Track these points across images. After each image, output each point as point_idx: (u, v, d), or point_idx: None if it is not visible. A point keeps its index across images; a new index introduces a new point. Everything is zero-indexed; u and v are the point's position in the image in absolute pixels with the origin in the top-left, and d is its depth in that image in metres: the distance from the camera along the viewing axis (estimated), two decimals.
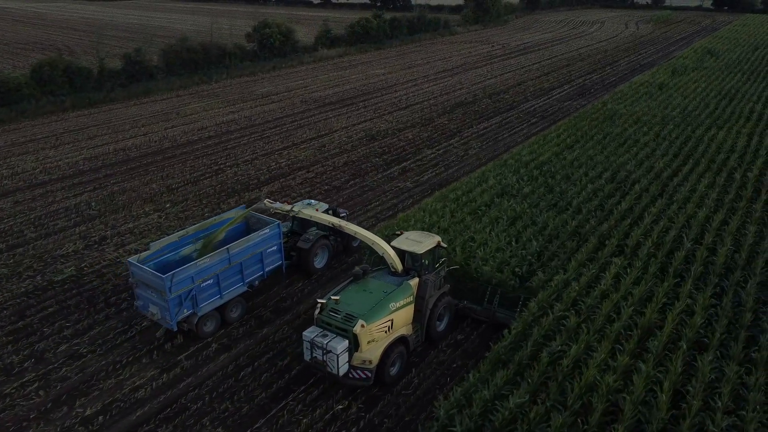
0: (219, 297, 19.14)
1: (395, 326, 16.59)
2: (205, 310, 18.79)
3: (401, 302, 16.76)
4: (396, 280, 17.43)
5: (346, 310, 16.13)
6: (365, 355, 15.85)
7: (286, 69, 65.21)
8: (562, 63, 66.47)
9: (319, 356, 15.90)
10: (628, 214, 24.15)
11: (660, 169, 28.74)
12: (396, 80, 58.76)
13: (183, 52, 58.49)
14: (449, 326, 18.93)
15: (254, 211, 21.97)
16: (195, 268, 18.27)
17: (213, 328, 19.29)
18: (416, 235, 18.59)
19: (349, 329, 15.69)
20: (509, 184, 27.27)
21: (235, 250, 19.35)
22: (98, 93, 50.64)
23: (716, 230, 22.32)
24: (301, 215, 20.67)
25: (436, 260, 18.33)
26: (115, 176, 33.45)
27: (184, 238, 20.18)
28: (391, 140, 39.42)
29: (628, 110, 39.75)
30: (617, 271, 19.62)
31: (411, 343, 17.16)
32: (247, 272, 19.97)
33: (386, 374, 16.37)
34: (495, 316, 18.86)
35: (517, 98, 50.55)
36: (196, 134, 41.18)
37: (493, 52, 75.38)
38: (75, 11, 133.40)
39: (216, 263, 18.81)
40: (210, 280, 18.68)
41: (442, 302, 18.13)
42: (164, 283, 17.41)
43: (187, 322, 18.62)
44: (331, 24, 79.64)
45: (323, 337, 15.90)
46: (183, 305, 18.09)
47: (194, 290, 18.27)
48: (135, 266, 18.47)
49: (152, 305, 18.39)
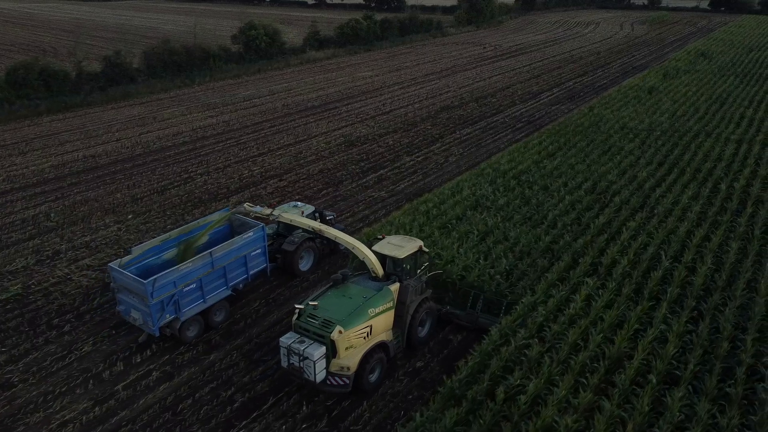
0: (202, 301, 18.82)
1: (374, 332, 16.24)
2: (188, 314, 18.47)
3: (381, 308, 16.40)
4: (376, 285, 17.09)
5: (324, 316, 15.79)
6: (343, 361, 15.52)
7: (272, 71, 64.00)
8: (554, 65, 65.26)
9: (296, 363, 15.54)
10: (605, 228, 22.92)
11: (642, 179, 27.53)
12: (382, 83, 57.55)
13: (165, 54, 57.29)
14: (432, 332, 18.48)
15: (235, 214, 21.38)
16: (177, 273, 17.95)
17: (196, 333, 18.93)
18: (398, 240, 18.19)
19: (326, 335, 15.37)
20: (484, 195, 26.06)
21: (218, 253, 19.03)
22: (75, 97, 49.39)
23: (697, 247, 21.10)
24: (280, 219, 20.01)
25: (417, 265, 17.92)
26: (80, 185, 32.23)
27: (166, 241, 19.80)
28: (370, 146, 38.20)
29: (614, 116, 38.52)
30: (589, 292, 18.39)
31: (391, 349, 16.82)
32: (231, 276, 19.65)
33: (365, 381, 16.04)
34: (478, 321, 18.47)
35: (504, 102, 49.33)
36: (171, 140, 39.95)
37: (485, 54, 74.18)
38: (67, 12, 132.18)
39: (199, 267, 18.50)
40: (193, 284, 18.40)
41: (424, 307, 17.75)
42: (146, 289, 17.13)
43: (170, 327, 18.30)
44: (321, 25, 78.55)
45: (300, 344, 15.54)
46: (165, 310, 17.82)
47: (176, 295, 17.98)
48: (116, 271, 18.13)
49: (134, 310, 18.14)
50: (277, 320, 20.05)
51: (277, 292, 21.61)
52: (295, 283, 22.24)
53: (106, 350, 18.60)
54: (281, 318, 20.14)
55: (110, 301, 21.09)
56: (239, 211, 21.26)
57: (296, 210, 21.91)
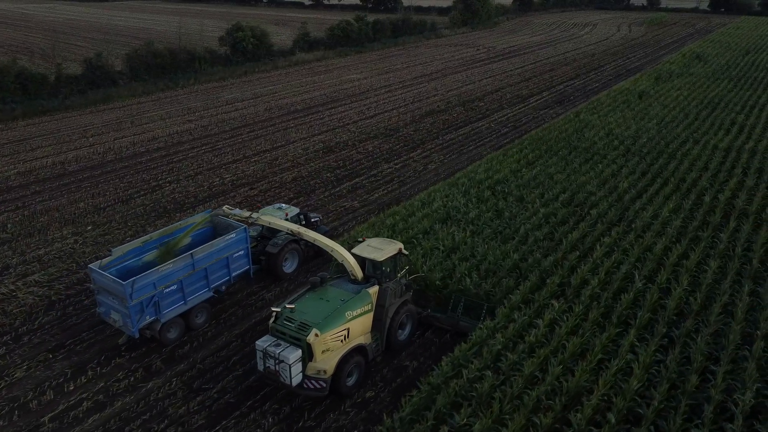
0: (183, 303, 18.63)
1: (352, 335, 16.10)
2: (169, 316, 18.27)
3: (358, 310, 16.26)
4: (355, 288, 16.95)
5: (300, 319, 15.65)
6: (320, 365, 15.38)
7: (259, 74, 62.89)
8: (546, 68, 64.02)
9: (272, 366, 15.38)
10: (578, 244, 21.69)
11: (623, 190, 26.29)
12: (370, 86, 56.39)
13: (148, 56, 56.19)
14: (412, 335, 18.32)
15: (218, 216, 21.12)
16: (157, 274, 17.76)
17: (177, 335, 18.76)
18: (378, 242, 18.10)
19: (302, 338, 15.23)
20: (456, 206, 24.85)
21: (199, 255, 18.81)
22: (53, 100, 48.32)
23: (673, 266, 19.87)
24: (259, 221, 19.87)
25: (397, 268, 17.80)
26: (44, 193, 31.15)
27: (147, 243, 19.52)
28: (349, 152, 37.05)
29: (601, 121, 37.28)
30: (554, 316, 17.19)
31: (370, 352, 16.64)
32: (213, 277, 19.38)
33: (342, 385, 15.87)
34: (458, 324, 18.27)
35: (492, 106, 48.12)
36: (145, 145, 38.86)
37: (477, 56, 72.96)
38: (62, 13, 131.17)
39: (179, 269, 18.29)
40: (173, 286, 18.18)
41: (404, 310, 17.60)
42: (125, 290, 16.93)
43: (150, 329, 18.05)
44: (314, 26, 77.41)
45: (276, 347, 15.42)
46: (145, 312, 17.60)
47: (157, 296, 17.77)
48: (96, 272, 17.91)
49: (114, 312, 17.92)
50: (225, 343, 18.91)
51: (230, 312, 20.46)
52: (251, 301, 21.10)
53: (39, 377, 17.47)
54: (230, 341, 19.00)
55: (52, 321, 20.03)
56: (219, 213, 21.04)
57: (281, 212, 21.78)
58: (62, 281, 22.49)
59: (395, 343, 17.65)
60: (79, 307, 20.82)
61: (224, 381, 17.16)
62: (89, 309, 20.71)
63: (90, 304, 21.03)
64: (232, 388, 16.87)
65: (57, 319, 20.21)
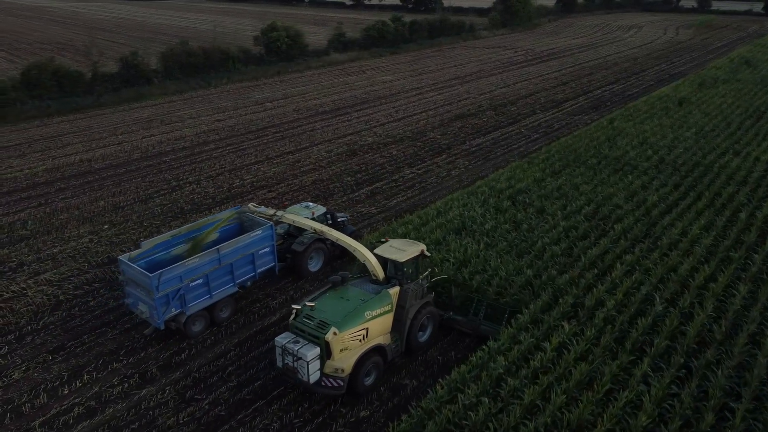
0: (208, 297, 18.97)
1: (371, 335, 16.09)
2: (194, 309, 18.63)
3: (378, 311, 16.24)
4: (375, 289, 16.97)
5: (319, 317, 15.74)
6: (337, 363, 15.42)
7: (291, 74, 62.85)
8: (585, 71, 62.10)
9: (291, 363, 15.51)
10: (598, 262, 20.49)
11: (652, 204, 24.86)
12: (401, 88, 55.65)
13: (182, 55, 56.77)
14: (433, 337, 18.19)
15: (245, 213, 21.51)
16: (183, 268, 18.12)
17: (201, 328, 19.10)
18: (400, 243, 18.03)
19: (320, 336, 15.28)
20: (473, 216, 23.92)
21: (226, 250, 19.13)
22: (88, 98, 49.19)
23: (698, 288, 18.53)
24: (283, 219, 20.26)
25: (419, 269, 17.79)
26: (67, 190, 31.50)
27: (175, 237, 19.99)
28: (372, 156, 36.41)
29: (635, 129, 35.63)
30: (563, 339, 16.16)
31: (389, 353, 16.62)
32: (238, 273, 19.73)
33: (360, 384, 15.88)
34: (479, 328, 18.08)
35: (524, 111, 46.79)
36: (171, 144, 39.06)
37: (515, 58, 71.39)
38: (111, 11, 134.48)
39: (206, 263, 18.65)
40: (199, 279, 18.55)
41: (424, 312, 17.53)
42: (151, 282, 17.31)
43: (176, 321, 18.42)
44: (351, 26, 77.05)
45: (295, 344, 15.54)
46: (171, 304, 17.98)
47: (182, 290, 18.12)
48: (125, 264, 18.40)
49: (141, 303, 18.35)
50: (223, 352, 18.51)
51: (231, 319, 20.04)
52: (254, 309, 20.66)
53: (35, 379, 17.39)
54: (228, 350, 18.59)
55: (56, 321, 20.01)
56: (245, 210, 21.44)
57: (307, 211, 21.97)
58: (72, 281, 22.52)
59: (415, 344, 17.58)
60: (84, 309, 20.77)
61: (217, 392, 16.75)
62: (94, 311, 20.67)
63: (95, 305, 21.02)
64: (224, 400, 16.43)
65: (61, 319, 20.18)
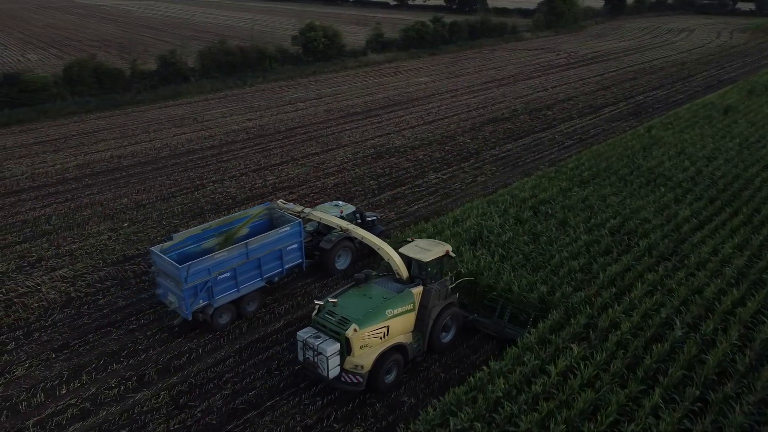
0: (235, 290, 19.34)
1: (392, 333, 16.25)
2: (221, 302, 19.03)
3: (399, 309, 16.39)
4: (398, 287, 17.14)
5: (341, 313, 16.00)
6: (357, 360, 15.63)
7: (327, 74, 62.77)
8: (628, 76, 59.95)
9: (311, 357, 15.74)
10: (617, 280, 19.37)
11: (683, 219, 23.48)
12: (436, 90, 54.82)
13: (220, 54, 57.34)
14: (456, 338, 18.18)
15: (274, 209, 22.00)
16: (212, 261, 18.52)
17: (228, 320, 19.46)
18: (426, 243, 18.12)
19: (341, 332, 15.53)
20: (490, 227, 23.05)
21: (254, 245, 19.50)
22: (126, 95, 50.15)
23: (724, 314, 17.25)
24: (311, 217, 20.49)
25: (443, 270, 17.87)
26: (94, 186, 32.00)
27: (206, 231, 20.53)
28: (398, 159, 35.80)
29: (674, 138, 33.94)
30: (570, 363, 15.24)
31: (410, 352, 16.73)
32: (266, 268, 20.05)
33: (380, 381, 16.04)
34: (504, 331, 17.90)
35: (560, 116, 45.36)
36: (200, 143, 39.34)
37: (556, 61, 69.58)
38: (160, 10, 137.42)
39: (234, 257, 19.02)
40: (227, 273, 18.92)
41: (448, 313, 17.54)
42: (180, 273, 17.74)
43: (203, 313, 18.85)
44: (391, 27, 76.49)
45: (316, 339, 15.77)
46: (198, 296, 18.38)
47: (210, 282, 18.52)
48: (156, 255, 18.97)
49: (171, 294, 18.87)
50: (223, 357, 18.24)
51: (236, 324, 19.77)
52: (259, 314, 20.34)
53: (36, 377, 17.47)
54: (228, 356, 18.31)
55: (64, 319, 20.14)
56: (274, 206, 21.88)
57: (336, 209, 22.17)
58: (85, 278, 22.70)
59: (437, 344, 17.57)
60: (93, 307, 20.87)
61: (211, 400, 16.47)
62: (102, 309, 20.75)
63: (104, 304, 21.11)
64: (218, 409, 16.13)
65: (69, 317, 20.31)
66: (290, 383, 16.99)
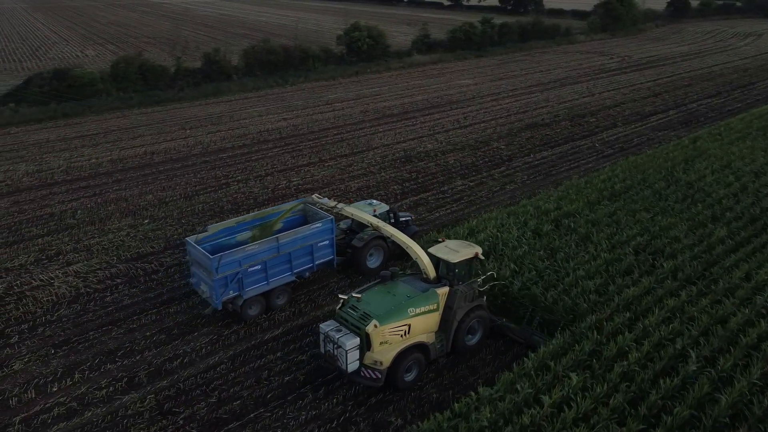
0: (265, 283, 19.65)
1: (413, 332, 16.27)
2: (250, 294, 19.35)
3: (422, 308, 16.39)
4: (424, 287, 17.12)
5: (364, 309, 16.17)
6: (376, 356, 15.74)
7: (369, 75, 62.36)
8: (683, 82, 57.05)
9: (331, 350, 15.98)
10: (633, 304, 18.00)
11: (717, 239, 21.75)
12: (477, 93, 53.59)
13: (263, 53, 57.78)
14: (482, 341, 18.00)
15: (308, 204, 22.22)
16: (243, 253, 18.88)
17: (257, 312, 19.76)
18: (455, 245, 18.14)
19: (362, 327, 15.68)
20: (506, 239, 21.97)
21: (284, 240, 19.77)
22: (168, 92, 51.11)
23: (747, 348, 15.71)
24: (343, 212, 20.56)
25: (472, 271, 17.82)
26: (123, 182, 32.54)
27: (240, 223, 21.00)
28: (426, 164, 34.94)
29: (721, 151, 31.76)
30: (566, 393, 14.13)
31: (432, 352, 16.74)
32: (296, 263, 20.32)
33: (399, 379, 16.10)
34: (531, 338, 17.61)
35: (604, 123, 43.45)
36: (232, 141, 39.56)
37: (608, 65, 66.99)
38: (219, 8, 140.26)
39: (264, 250, 19.34)
40: (257, 266, 19.26)
41: (474, 315, 17.41)
42: (212, 264, 18.17)
43: (233, 304, 19.28)
44: (440, 27, 75.44)
45: (337, 332, 16.01)
46: (228, 287, 18.75)
47: (240, 274, 18.86)
48: (190, 245, 19.51)
49: (203, 284, 19.38)
50: (216, 363, 17.94)
51: (233, 329, 19.46)
52: (260, 320, 19.96)
53: (32, 372, 17.61)
54: (221, 361, 18.00)
55: (70, 314, 20.32)
56: (309, 201, 22.11)
57: (369, 208, 22.20)
58: (98, 274, 22.92)
59: (461, 346, 17.46)
60: (99, 304, 21.00)
61: (196, 407, 16.16)
62: (107, 306, 20.86)
63: (110, 301, 21.25)
64: (200, 417, 15.81)
65: (75, 313, 20.49)
66: (277, 395, 16.54)
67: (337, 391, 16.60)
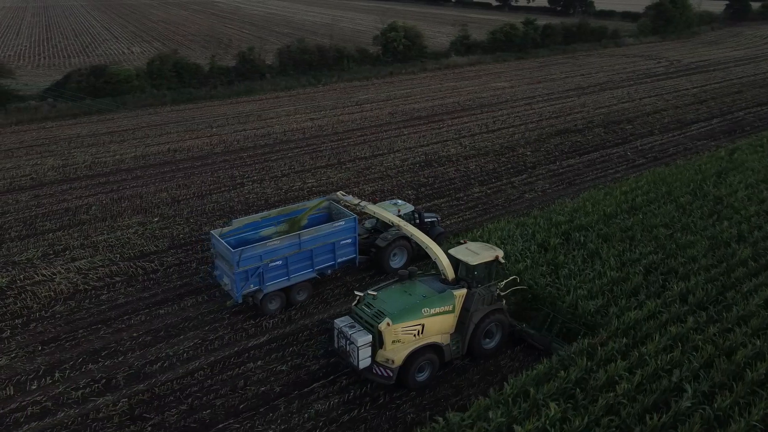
0: (286, 279, 19.79)
1: (427, 332, 16.25)
2: (271, 288, 19.56)
3: (437, 309, 16.36)
4: (441, 288, 17.10)
5: (378, 307, 16.26)
6: (388, 354, 15.82)
7: (404, 75, 61.67)
8: (732, 89, 54.11)
9: (344, 345, 16.16)
10: (633, 329, 16.74)
11: (739, 260, 20.14)
12: (511, 96, 52.19)
13: (297, 52, 57.83)
14: (500, 345, 17.77)
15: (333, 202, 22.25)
16: (264, 248, 19.08)
17: (277, 307, 19.95)
18: (476, 247, 18.01)
19: (375, 325, 15.77)
20: (509, 252, 20.92)
21: (306, 237, 19.89)
22: (201, 90, 51.68)
23: (752, 384, 14.30)
24: (366, 210, 20.44)
25: (492, 274, 17.55)
26: (141, 179, 32.88)
27: (265, 219, 21.14)
28: (446, 169, 34.03)
29: (759, 164, 29.69)
30: (542, 425, 13.13)
31: (446, 353, 16.68)
32: (318, 260, 20.38)
33: (411, 378, 16.12)
34: (550, 345, 17.28)
35: (640, 130, 41.53)
36: (255, 141, 39.58)
37: (654, 69, 64.31)
38: (267, 7, 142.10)
39: (285, 246, 19.47)
40: (278, 261, 19.39)
41: (493, 319, 17.21)
42: (233, 257, 18.41)
43: (253, 298, 19.58)
44: (481, 28, 74.02)
45: (350, 328, 16.15)
46: (249, 280, 19.00)
47: (261, 268, 19.02)
48: (215, 238, 19.81)
49: (225, 277, 19.68)
50: (197, 368, 17.63)
51: (219, 333, 19.14)
52: (247, 325, 19.60)
53: (16, 369, 17.67)
54: (202, 366, 17.67)
55: (63, 311, 20.42)
56: (333, 198, 22.08)
57: (394, 207, 22.17)
58: (98, 271, 23.02)
59: (478, 350, 17.28)
60: (94, 302, 21.06)
61: (167, 414, 15.87)
62: (101, 305, 20.89)
63: (105, 299, 21.28)
64: (170, 425, 15.51)
65: (69, 310, 20.59)
66: (250, 405, 16.09)
67: (311, 404, 16.04)
